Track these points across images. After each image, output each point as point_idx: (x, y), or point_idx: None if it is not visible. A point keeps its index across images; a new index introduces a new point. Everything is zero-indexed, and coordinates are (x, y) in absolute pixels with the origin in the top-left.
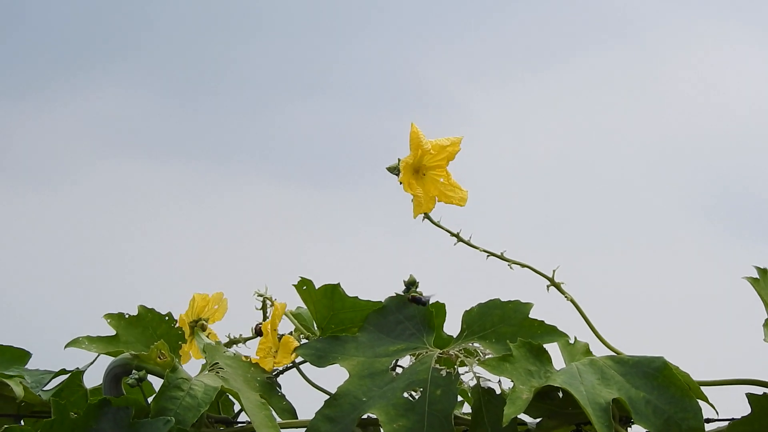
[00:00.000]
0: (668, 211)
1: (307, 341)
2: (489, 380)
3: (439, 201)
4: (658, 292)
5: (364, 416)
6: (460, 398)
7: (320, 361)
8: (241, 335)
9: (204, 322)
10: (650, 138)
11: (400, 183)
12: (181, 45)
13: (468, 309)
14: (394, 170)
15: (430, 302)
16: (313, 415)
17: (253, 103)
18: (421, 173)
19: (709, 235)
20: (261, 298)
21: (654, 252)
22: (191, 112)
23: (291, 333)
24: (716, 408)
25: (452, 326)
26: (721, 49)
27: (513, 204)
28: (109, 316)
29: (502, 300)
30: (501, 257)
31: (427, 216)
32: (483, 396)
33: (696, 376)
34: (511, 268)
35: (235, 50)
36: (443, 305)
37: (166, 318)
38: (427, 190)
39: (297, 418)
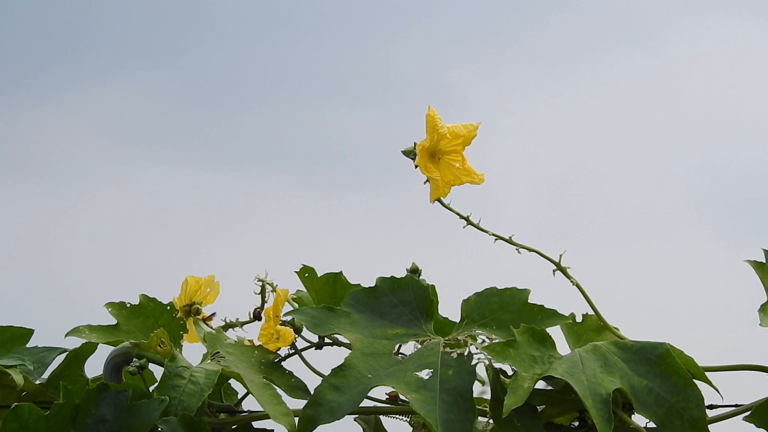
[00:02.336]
0: (675, 204)
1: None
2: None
3: (453, 184)
4: (664, 279)
5: (365, 404)
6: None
7: (317, 328)
8: (237, 319)
9: (198, 305)
10: (659, 136)
11: (416, 167)
12: (200, 47)
13: (465, 298)
14: (409, 154)
15: None
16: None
17: (274, 107)
18: (437, 158)
19: (716, 227)
20: (260, 283)
21: (660, 240)
22: (211, 118)
23: (293, 319)
24: (721, 393)
25: (450, 311)
26: (733, 52)
27: (524, 200)
28: (110, 305)
29: (499, 288)
30: (509, 241)
31: (438, 199)
32: (496, 376)
33: (700, 362)
34: (518, 252)
35: (258, 53)
36: (433, 286)
37: (168, 308)
38: (442, 174)
39: (309, 394)
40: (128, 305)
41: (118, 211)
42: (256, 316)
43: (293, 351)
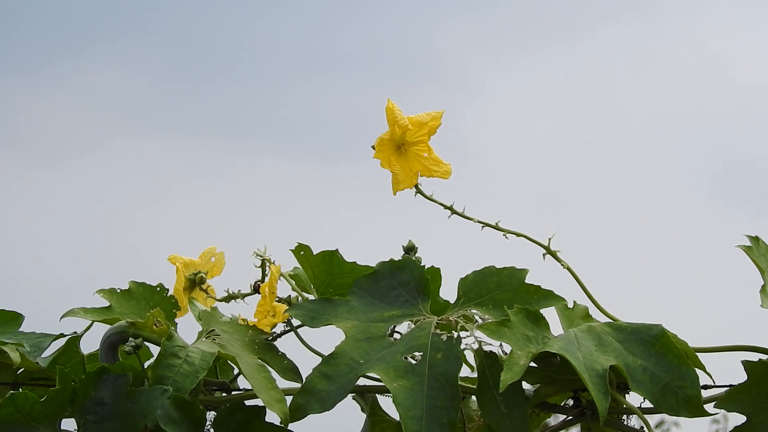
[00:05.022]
0: (670, 184)
1: (300, 303)
2: (490, 344)
3: (422, 176)
4: (655, 262)
5: (361, 383)
6: None
7: (313, 321)
8: (239, 291)
9: (203, 275)
10: (656, 112)
11: (375, 159)
12: (191, 22)
13: (463, 276)
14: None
15: None
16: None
17: (265, 80)
18: (404, 149)
19: (710, 207)
20: (260, 258)
21: (652, 223)
22: (201, 89)
23: (289, 296)
24: (713, 376)
25: (447, 293)
26: (729, 24)
27: (519, 176)
28: (101, 291)
29: (497, 267)
30: (496, 227)
31: (419, 191)
32: (486, 360)
33: (693, 343)
34: (506, 237)
35: (247, 27)
36: (438, 270)
37: (158, 289)
38: (411, 165)
39: (300, 376)
40: (119, 290)
41: (109, 183)
42: (257, 289)
43: (289, 328)
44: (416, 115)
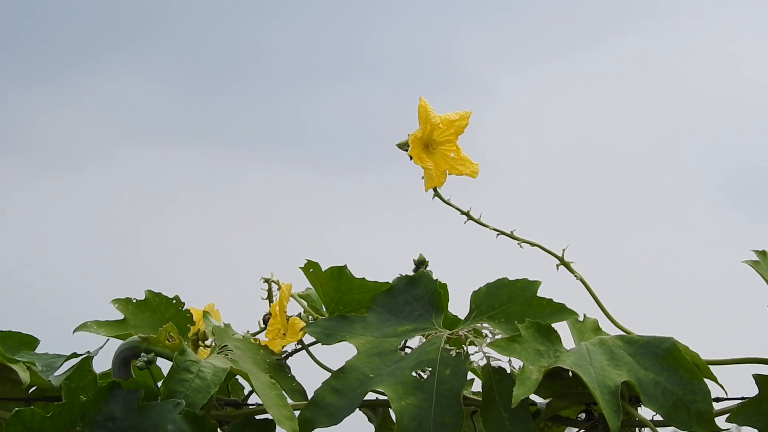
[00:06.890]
0: (682, 193)
1: (316, 321)
2: (499, 359)
3: (450, 174)
4: (668, 272)
5: (372, 397)
6: (470, 376)
7: (328, 338)
8: (248, 332)
9: (205, 332)
10: (668, 119)
11: (410, 157)
12: (204, 30)
13: (476, 289)
14: (403, 146)
15: None
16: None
17: (277, 89)
18: (431, 148)
19: (721, 216)
20: (267, 285)
21: (664, 232)
22: (213, 97)
23: (299, 315)
24: (725, 388)
25: (461, 306)
26: (742, 32)
27: (531, 183)
28: (116, 301)
29: (510, 279)
30: (511, 236)
31: (437, 194)
32: (494, 375)
33: (705, 356)
34: (521, 246)
35: (259, 35)
36: (444, 285)
37: (174, 301)
38: (437, 164)
39: (307, 400)
40: (134, 300)
41: (121, 192)
42: (266, 323)
43: (300, 347)
44: (446, 114)
